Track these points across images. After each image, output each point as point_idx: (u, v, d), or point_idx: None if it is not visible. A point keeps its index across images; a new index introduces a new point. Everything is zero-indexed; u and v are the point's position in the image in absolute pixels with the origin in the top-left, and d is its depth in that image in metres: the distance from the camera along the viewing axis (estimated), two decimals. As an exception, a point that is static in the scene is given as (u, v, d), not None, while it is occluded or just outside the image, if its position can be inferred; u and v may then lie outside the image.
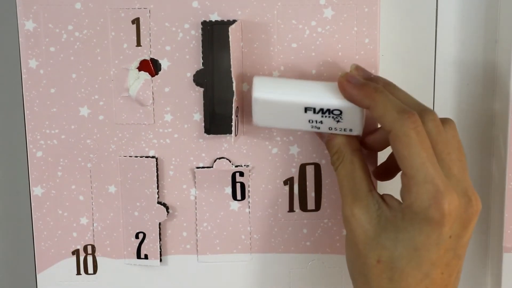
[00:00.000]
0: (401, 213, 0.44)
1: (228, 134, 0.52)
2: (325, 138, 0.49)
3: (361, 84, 0.46)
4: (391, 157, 0.49)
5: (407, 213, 0.44)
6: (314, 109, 0.47)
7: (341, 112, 0.47)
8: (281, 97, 0.47)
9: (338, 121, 0.47)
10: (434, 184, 0.43)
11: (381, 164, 0.51)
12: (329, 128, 0.48)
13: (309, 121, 0.47)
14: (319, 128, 0.48)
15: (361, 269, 0.45)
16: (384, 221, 0.45)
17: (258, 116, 0.48)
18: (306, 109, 0.47)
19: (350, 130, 0.47)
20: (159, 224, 0.53)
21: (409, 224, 0.43)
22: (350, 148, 0.47)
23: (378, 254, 0.44)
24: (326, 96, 0.47)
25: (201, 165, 0.53)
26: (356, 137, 0.48)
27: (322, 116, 0.47)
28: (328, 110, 0.47)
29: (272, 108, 0.47)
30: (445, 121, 0.46)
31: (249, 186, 0.53)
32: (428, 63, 0.54)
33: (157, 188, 0.53)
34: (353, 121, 0.47)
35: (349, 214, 0.46)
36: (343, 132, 0.48)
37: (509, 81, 0.52)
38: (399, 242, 0.44)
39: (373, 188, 0.46)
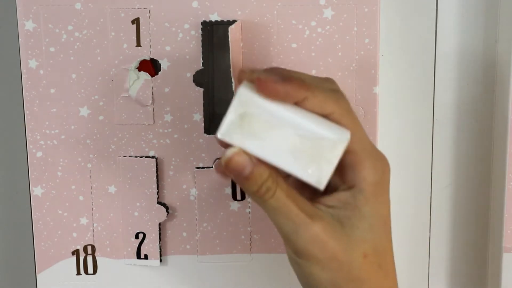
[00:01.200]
0: (362, 197, 0.42)
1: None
2: (246, 171, 0.41)
3: (286, 79, 0.40)
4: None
5: (368, 193, 0.42)
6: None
7: None
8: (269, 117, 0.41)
9: None
10: (379, 152, 0.43)
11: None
12: None
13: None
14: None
15: (350, 275, 0.43)
16: (347, 221, 0.42)
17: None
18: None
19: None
20: (159, 224, 0.53)
21: (374, 202, 0.42)
22: (276, 172, 0.42)
23: (361, 251, 0.42)
24: (313, 122, 0.41)
25: (201, 165, 0.53)
26: None
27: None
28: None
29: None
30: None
31: (249, 186, 0.53)
32: (428, 63, 0.54)
33: (157, 188, 0.53)
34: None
35: (312, 234, 0.41)
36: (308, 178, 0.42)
37: (509, 81, 0.52)
38: (373, 227, 0.42)
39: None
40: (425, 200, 0.56)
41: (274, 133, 0.41)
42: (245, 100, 0.40)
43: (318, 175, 0.41)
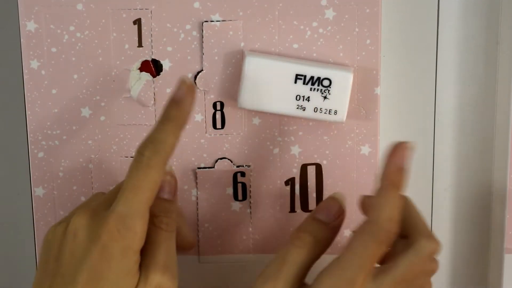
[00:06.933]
0: None
1: (229, 135, 0.52)
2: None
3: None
4: None
5: None
6: (305, 77, 0.48)
7: (330, 82, 0.48)
8: (273, 61, 0.48)
9: (325, 97, 0.48)
10: None
11: None
12: (314, 110, 0.48)
13: (296, 97, 0.48)
14: (304, 109, 0.49)
15: None
16: None
17: (246, 90, 0.48)
18: (296, 78, 0.48)
19: (335, 112, 0.49)
20: (161, 224, 0.53)
21: None
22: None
23: None
24: (317, 65, 0.49)
25: (202, 165, 0.53)
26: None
27: (310, 89, 0.48)
28: (318, 79, 0.48)
29: (262, 76, 0.48)
30: None
31: (250, 187, 0.53)
32: (429, 64, 0.54)
33: (159, 188, 0.53)
34: (340, 99, 0.48)
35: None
36: (327, 116, 0.49)
37: (509, 82, 0.52)
38: None
39: None
40: (426, 201, 0.56)
41: (284, 90, 0.48)
42: (253, 68, 0.48)
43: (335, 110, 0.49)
